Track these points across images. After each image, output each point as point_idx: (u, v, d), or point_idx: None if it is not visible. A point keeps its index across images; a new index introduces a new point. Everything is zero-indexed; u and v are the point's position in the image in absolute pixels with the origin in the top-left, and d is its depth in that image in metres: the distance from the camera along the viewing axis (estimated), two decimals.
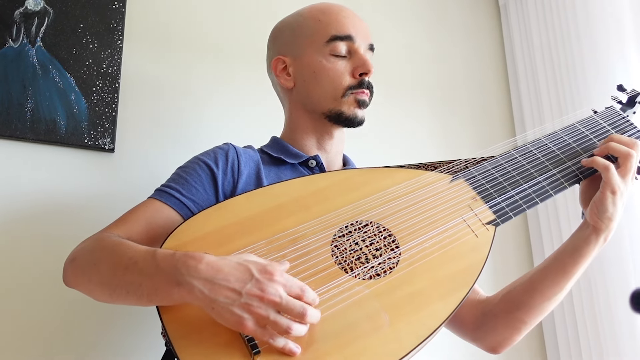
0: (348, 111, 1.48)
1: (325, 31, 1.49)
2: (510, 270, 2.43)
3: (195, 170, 1.39)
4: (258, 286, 0.99)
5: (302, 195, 1.29)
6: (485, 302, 1.50)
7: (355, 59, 1.49)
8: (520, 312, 1.41)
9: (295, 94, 1.53)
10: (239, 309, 0.99)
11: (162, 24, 1.98)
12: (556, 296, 1.40)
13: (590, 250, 1.36)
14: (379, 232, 1.25)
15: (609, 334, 2.08)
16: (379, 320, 1.09)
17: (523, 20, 2.65)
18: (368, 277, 1.16)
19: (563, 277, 1.38)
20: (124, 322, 1.66)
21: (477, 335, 1.49)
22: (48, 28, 1.75)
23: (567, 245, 1.40)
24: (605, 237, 1.35)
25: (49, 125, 1.69)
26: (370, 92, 1.52)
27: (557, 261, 1.40)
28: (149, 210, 1.32)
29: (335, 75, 1.47)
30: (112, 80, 1.79)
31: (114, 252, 1.15)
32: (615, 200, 1.31)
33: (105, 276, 1.14)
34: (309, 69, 1.49)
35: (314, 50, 1.49)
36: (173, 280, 1.03)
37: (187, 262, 1.03)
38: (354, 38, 1.49)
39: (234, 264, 1.03)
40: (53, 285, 1.56)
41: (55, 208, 1.67)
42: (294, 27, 1.54)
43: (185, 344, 1.03)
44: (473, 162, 1.42)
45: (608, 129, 1.47)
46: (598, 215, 1.33)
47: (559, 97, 2.42)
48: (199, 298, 1.01)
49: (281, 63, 1.53)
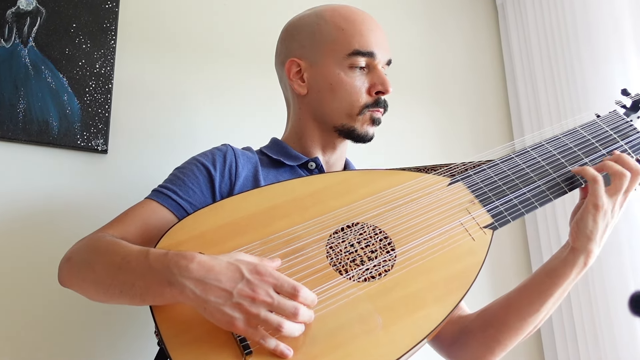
0: (361, 129, 1.46)
1: (347, 43, 1.44)
2: (507, 275, 2.41)
3: (193, 171, 1.38)
4: (249, 286, 0.99)
5: (299, 197, 1.28)
6: (463, 318, 1.47)
7: (373, 76, 1.46)
8: (494, 330, 1.37)
9: (307, 101, 1.49)
10: (229, 308, 0.98)
11: (156, 24, 1.97)
12: (531, 317, 1.34)
13: (567, 271, 1.30)
14: (375, 234, 1.24)
15: (607, 337, 2.06)
16: (372, 323, 1.08)
17: (521, 20, 2.64)
18: (363, 279, 1.15)
19: (539, 297, 1.33)
20: (117, 321, 1.65)
21: (452, 351, 1.45)
22: (40, 28, 1.74)
23: (546, 265, 1.36)
24: (584, 259, 1.29)
25: (41, 126, 1.67)
26: (384, 111, 1.49)
27: (534, 281, 1.36)
28: (145, 211, 1.32)
29: (353, 90, 1.44)
30: (105, 81, 1.78)
31: (108, 251, 1.15)
32: (596, 217, 1.27)
33: (99, 276, 1.14)
34: (325, 79, 1.45)
35: (333, 61, 1.45)
36: (165, 280, 1.02)
37: (178, 261, 1.02)
38: (376, 55, 1.45)
39: (225, 264, 1.02)
40: (47, 285, 1.56)
41: (48, 209, 1.66)
42: (314, 30, 1.48)
43: (177, 343, 1.02)
44: (472, 165, 1.40)
45: (610, 133, 1.45)
46: (577, 232, 1.29)
47: (557, 98, 2.40)
48: (190, 298, 1.00)
49: (296, 66, 1.49)
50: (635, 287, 2.00)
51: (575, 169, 1.35)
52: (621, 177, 1.29)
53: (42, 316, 1.58)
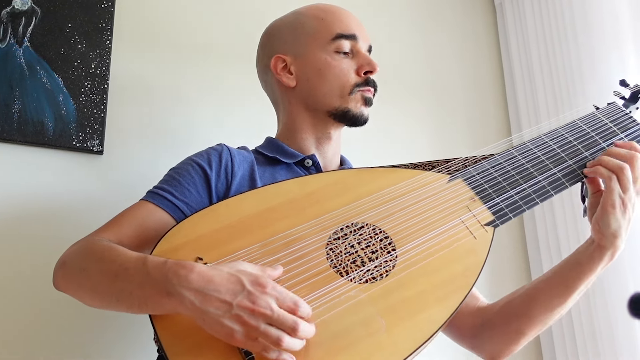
0: (355, 109, 1.47)
1: (329, 29, 1.48)
2: (505, 273, 2.40)
3: (188, 171, 1.37)
4: (249, 298, 0.97)
5: (296, 197, 1.27)
6: (484, 310, 1.47)
7: (359, 58, 1.49)
8: (519, 323, 1.38)
9: (297, 92, 1.50)
10: (229, 320, 0.96)
11: (152, 24, 1.95)
12: (557, 309, 1.35)
13: (594, 267, 1.31)
14: (375, 235, 1.22)
15: (606, 339, 2.05)
16: (375, 325, 1.07)
17: (519, 19, 2.62)
18: (364, 281, 1.14)
19: (565, 290, 1.34)
20: (115, 327, 1.64)
21: (475, 344, 1.46)
22: (36, 28, 1.72)
23: (571, 259, 1.36)
24: (611, 254, 1.30)
25: (36, 127, 1.66)
26: (374, 91, 1.51)
27: (560, 274, 1.36)
28: (141, 213, 1.30)
29: (342, 72, 1.46)
30: (101, 81, 1.76)
31: (104, 258, 1.13)
32: (617, 215, 1.26)
33: (95, 283, 1.13)
34: (313, 66, 1.47)
35: (317, 48, 1.48)
36: (164, 290, 1.01)
37: (178, 271, 1.01)
38: (358, 38, 1.50)
39: (225, 275, 1.00)
40: (41, 288, 1.54)
41: (43, 211, 1.65)
42: (294, 25, 1.52)
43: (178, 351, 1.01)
44: (471, 161, 1.39)
45: (610, 125, 1.43)
46: (602, 232, 1.28)
47: (555, 97, 2.39)
48: (189, 309, 0.99)
49: (281, 62, 1.51)
50: (634, 289, 1.99)
51: (588, 170, 1.34)
52: (622, 170, 1.28)
53: (37, 320, 1.57)
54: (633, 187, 1.29)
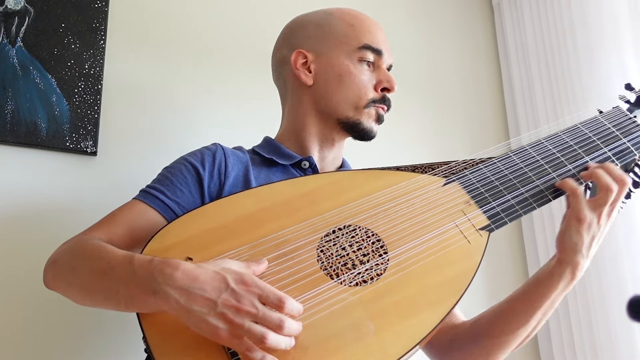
0: (366, 123, 1.46)
1: (358, 37, 1.47)
2: (504, 279, 2.39)
3: (181, 171, 1.36)
4: (234, 296, 0.97)
5: (289, 199, 1.25)
6: (457, 327, 1.45)
7: (380, 74, 1.48)
8: (484, 342, 1.35)
9: (312, 92, 1.48)
10: (213, 318, 0.96)
11: (146, 23, 1.94)
12: (519, 330, 1.31)
13: (554, 283, 1.27)
14: (367, 237, 1.21)
15: (605, 342, 2.04)
16: (364, 329, 1.06)
17: (517, 20, 2.62)
18: (354, 284, 1.12)
19: (527, 309, 1.30)
20: (104, 326, 1.63)
21: None
22: (29, 28, 1.71)
23: (535, 276, 1.33)
24: (571, 271, 1.26)
25: (29, 128, 1.64)
26: (388, 109, 1.50)
27: (523, 291, 1.33)
28: (132, 212, 1.30)
29: (361, 83, 1.45)
30: (95, 82, 1.75)
31: (93, 256, 1.13)
32: (579, 230, 1.24)
33: (84, 281, 1.13)
34: (334, 70, 1.46)
35: (342, 53, 1.46)
36: (149, 289, 1.01)
37: (163, 269, 1.00)
38: (383, 54, 1.49)
39: (210, 273, 1.00)
40: (33, 288, 1.54)
41: (35, 212, 1.64)
42: (322, 24, 1.50)
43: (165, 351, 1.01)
44: (468, 164, 1.37)
45: (612, 130, 1.41)
46: (562, 244, 1.26)
47: (553, 98, 2.38)
48: (174, 307, 0.98)
49: (302, 57, 1.49)
50: (633, 290, 1.97)
51: (558, 182, 1.31)
52: (607, 191, 1.25)
53: (27, 319, 1.56)
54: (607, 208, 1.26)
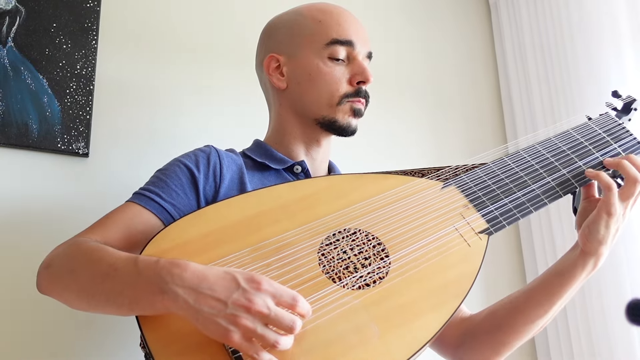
0: (342, 120, 1.43)
1: (325, 33, 1.44)
2: (501, 281, 2.40)
3: (176, 173, 1.34)
4: (245, 296, 0.94)
5: (287, 202, 1.24)
6: (467, 320, 1.46)
7: (354, 66, 1.44)
8: (502, 333, 1.37)
9: (287, 95, 1.48)
10: (224, 320, 0.93)
11: (139, 23, 1.93)
12: (539, 320, 1.34)
13: (577, 274, 1.30)
14: (368, 241, 1.20)
15: (603, 346, 2.04)
16: (368, 332, 1.05)
17: (514, 20, 2.62)
18: (357, 287, 1.12)
19: (548, 299, 1.33)
20: (100, 333, 1.61)
21: (457, 354, 1.45)
22: (20, 28, 1.68)
23: (555, 267, 1.36)
24: (594, 262, 1.30)
25: (20, 129, 1.63)
26: (366, 102, 1.47)
27: (543, 282, 1.35)
28: (128, 215, 1.27)
29: (332, 80, 1.42)
30: (87, 82, 1.73)
31: (92, 258, 1.10)
32: (609, 223, 1.26)
33: (83, 283, 1.10)
34: (304, 70, 1.44)
35: (311, 52, 1.44)
36: (156, 289, 0.98)
37: (171, 269, 0.98)
38: (355, 44, 1.45)
39: (220, 273, 0.98)
40: (24, 293, 1.52)
41: (27, 215, 1.62)
42: (292, 25, 1.48)
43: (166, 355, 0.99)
44: (464, 169, 1.38)
45: (603, 135, 1.43)
46: (588, 237, 1.28)
47: (551, 98, 2.38)
48: (183, 308, 0.96)
49: (274, 61, 1.48)
50: (631, 292, 1.98)
51: (590, 172, 1.33)
52: (635, 183, 1.28)
53: (18, 324, 1.54)
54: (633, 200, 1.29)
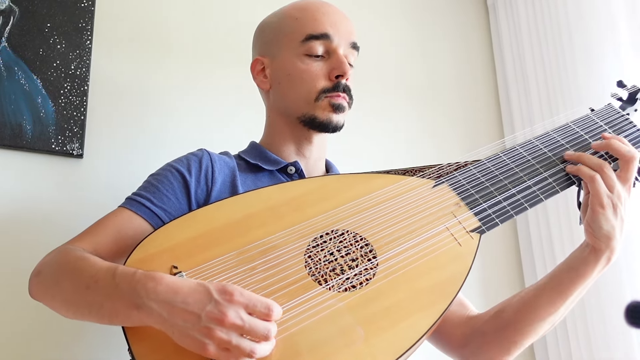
0: (322, 116, 1.41)
1: (301, 30, 1.43)
2: (498, 281, 2.38)
3: (167, 177, 1.34)
4: (218, 308, 0.94)
5: (276, 204, 1.24)
6: (475, 318, 1.43)
7: (332, 60, 1.42)
8: (511, 332, 1.34)
9: (272, 96, 1.48)
10: (199, 333, 0.94)
11: (133, 23, 1.92)
12: (550, 317, 1.31)
13: (590, 271, 1.26)
14: (356, 242, 1.19)
15: (602, 348, 2.03)
16: (353, 335, 1.04)
17: (512, 19, 2.60)
18: (343, 289, 1.11)
19: (559, 296, 1.29)
20: (90, 338, 1.61)
21: (464, 353, 1.42)
22: (13, 28, 1.68)
23: (565, 265, 1.32)
24: (607, 257, 1.25)
25: (14, 130, 1.62)
26: (349, 96, 1.44)
27: (554, 279, 1.31)
28: (118, 220, 1.28)
29: (309, 77, 1.41)
30: (81, 82, 1.73)
31: (75, 269, 1.12)
32: (607, 216, 1.23)
33: (67, 294, 1.12)
34: (283, 70, 1.44)
35: (290, 51, 1.43)
36: (132, 303, 0.99)
37: (146, 283, 0.99)
38: (332, 37, 1.42)
39: (193, 285, 0.98)
40: (17, 296, 1.51)
41: (21, 216, 1.62)
42: (274, 26, 1.48)
43: None
44: (458, 166, 1.35)
45: (605, 128, 1.39)
46: (594, 234, 1.24)
47: (549, 98, 2.36)
48: (158, 322, 0.97)
49: (260, 64, 1.49)
50: (630, 293, 1.96)
51: (570, 167, 1.30)
52: (632, 161, 1.26)
53: (12, 327, 1.54)
54: (620, 185, 1.26)
